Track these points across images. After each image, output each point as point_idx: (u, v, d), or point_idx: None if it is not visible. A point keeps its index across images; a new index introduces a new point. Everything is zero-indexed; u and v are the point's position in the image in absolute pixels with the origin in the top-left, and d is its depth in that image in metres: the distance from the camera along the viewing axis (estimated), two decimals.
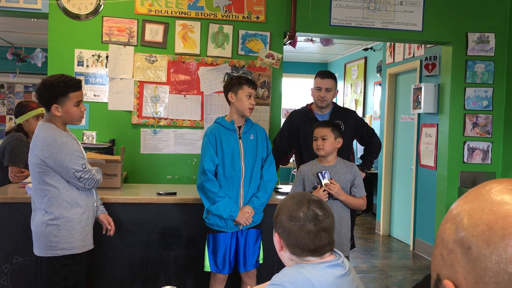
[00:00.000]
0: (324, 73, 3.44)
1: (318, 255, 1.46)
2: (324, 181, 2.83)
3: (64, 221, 2.43)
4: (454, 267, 0.64)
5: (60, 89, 2.43)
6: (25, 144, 3.60)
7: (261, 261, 2.98)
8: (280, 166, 3.62)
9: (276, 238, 1.51)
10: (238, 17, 4.15)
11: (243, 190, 2.88)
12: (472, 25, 4.58)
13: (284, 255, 1.51)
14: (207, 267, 2.91)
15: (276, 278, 1.41)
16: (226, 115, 2.98)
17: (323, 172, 2.84)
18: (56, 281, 2.45)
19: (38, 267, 2.49)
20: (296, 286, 1.35)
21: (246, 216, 2.83)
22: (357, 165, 3.21)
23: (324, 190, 2.81)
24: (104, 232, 2.71)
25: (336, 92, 3.44)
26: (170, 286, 1.62)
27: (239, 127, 2.92)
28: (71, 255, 2.47)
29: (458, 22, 4.54)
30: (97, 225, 2.68)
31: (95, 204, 2.64)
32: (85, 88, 3.94)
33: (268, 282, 1.67)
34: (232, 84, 2.90)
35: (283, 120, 3.80)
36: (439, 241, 0.68)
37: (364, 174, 3.41)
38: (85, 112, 2.62)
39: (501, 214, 0.61)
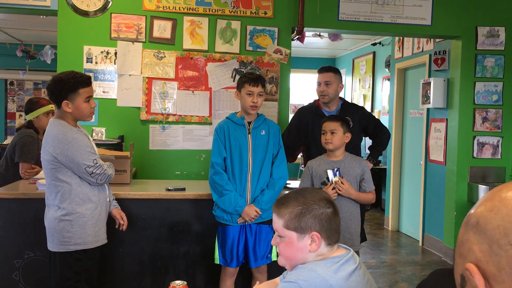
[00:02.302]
0: (323, 68, 3.43)
1: (338, 240, 1.50)
2: (334, 179, 2.82)
3: (76, 216, 2.46)
4: (471, 250, 0.67)
5: (70, 85, 2.45)
6: (36, 140, 3.63)
7: (274, 258, 2.97)
8: (288, 162, 3.61)
9: (310, 240, 1.42)
10: (246, 13, 4.14)
11: (250, 185, 2.89)
12: (482, 18, 4.54)
13: (312, 255, 1.43)
14: (217, 259, 2.94)
15: (291, 276, 1.40)
16: (238, 111, 3.01)
17: (335, 169, 2.83)
18: (69, 275, 2.48)
19: (51, 262, 2.52)
20: (310, 284, 1.35)
21: (253, 215, 2.84)
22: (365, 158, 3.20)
23: (333, 188, 2.80)
24: (117, 227, 2.74)
25: (340, 86, 3.40)
26: (179, 281, 1.63)
27: (249, 123, 2.93)
28: (83, 250, 2.50)
29: (468, 16, 4.50)
30: (110, 220, 2.70)
31: (108, 199, 2.67)
32: (94, 84, 3.96)
33: (277, 278, 1.67)
34: (238, 83, 2.98)
35: (291, 116, 3.79)
36: (458, 251, 0.72)
37: (371, 165, 3.40)
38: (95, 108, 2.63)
39: (501, 197, 0.67)
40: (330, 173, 2.82)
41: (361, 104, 7.91)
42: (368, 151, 3.62)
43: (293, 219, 1.44)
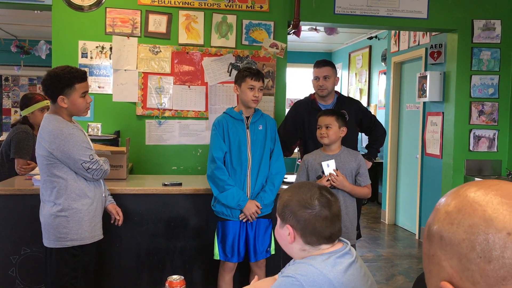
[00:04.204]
0: (319, 62, 3.43)
1: (331, 242, 1.45)
2: (329, 171, 2.82)
3: (72, 212, 2.45)
4: (441, 266, 0.65)
5: (66, 80, 2.43)
6: (31, 136, 3.62)
7: (272, 252, 2.98)
8: (284, 157, 3.61)
9: (287, 231, 1.46)
10: (241, 7, 4.12)
11: (250, 180, 2.89)
12: (478, 12, 4.54)
13: (296, 246, 1.47)
14: (216, 255, 2.93)
15: (288, 270, 1.40)
16: (235, 106, 3.00)
17: (329, 161, 2.84)
18: (65, 271, 2.47)
19: (47, 258, 2.51)
20: (308, 278, 1.34)
21: (254, 210, 2.84)
22: (363, 154, 3.20)
23: (328, 180, 2.81)
24: (112, 222, 2.73)
25: (336, 79, 3.42)
26: (177, 276, 1.63)
27: (247, 118, 2.92)
28: (80, 246, 2.49)
29: (464, 9, 4.50)
30: (105, 216, 2.69)
31: (103, 195, 2.66)
32: (90, 79, 3.94)
33: (276, 275, 1.67)
34: (237, 77, 2.95)
35: (287, 110, 3.79)
36: (427, 266, 0.70)
37: (370, 164, 3.40)
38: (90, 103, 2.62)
39: (459, 207, 0.66)
40: (324, 165, 2.83)
41: (357, 98, 7.91)
42: (365, 150, 3.62)
43: (279, 206, 1.51)
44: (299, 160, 5.75)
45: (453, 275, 0.63)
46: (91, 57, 3.98)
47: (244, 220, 2.88)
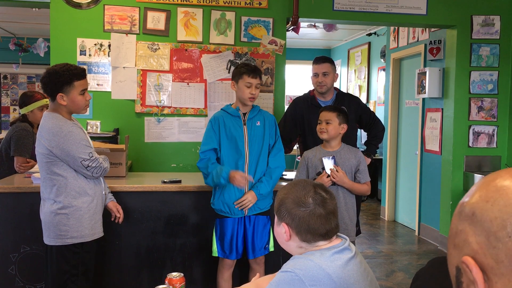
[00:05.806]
0: (319, 59, 3.43)
1: (328, 239, 1.46)
2: (329, 167, 2.82)
3: (72, 210, 2.45)
4: (466, 242, 0.66)
5: (65, 77, 2.42)
6: (31, 134, 3.61)
7: (271, 249, 2.98)
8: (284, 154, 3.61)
9: (283, 229, 1.47)
10: (240, 3, 4.11)
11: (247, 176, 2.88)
12: (477, 7, 4.53)
13: (292, 244, 1.48)
14: (215, 252, 2.93)
15: (287, 266, 1.40)
16: (233, 103, 2.99)
17: (330, 157, 2.83)
18: (66, 269, 2.47)
19: (48, 255, 2.51)
20: (307, 273, 1.35)
21: (243, 183, 2.74)
22: (362, 151, 3.20)
23: (328, 176, 2.81)
24: (112, 219, 2.73)
25: (335, 76, 3.42)
26: (176, 273, 1.63)
27: (244, 114, 2.92)
28: (80, 243, 2.49)
29: (463, 5, 4.49)
30: (105, 213, 2.69)
31: (103, 192, 2.66)
32: (88, 77, 3.92)
33: (277, 273, 1.67)
34: (234, 73, 2.93)
35: (286, 107, 3.79)
36: (452, 242, 0.70)
37: (369, 160, 3.40)
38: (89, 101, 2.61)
39: (497, 186, 0.66)
40: (325, 161, 2.82)
41: (356, 95, 7.91)
42: (364, 147, 3.62)
43: (276, 204, 1.52)
44: (299, 157, 5.75)
45: (478, 251, 0.63)
46: (90, 55, 3.98)
47: (239, 207, 2.85)
